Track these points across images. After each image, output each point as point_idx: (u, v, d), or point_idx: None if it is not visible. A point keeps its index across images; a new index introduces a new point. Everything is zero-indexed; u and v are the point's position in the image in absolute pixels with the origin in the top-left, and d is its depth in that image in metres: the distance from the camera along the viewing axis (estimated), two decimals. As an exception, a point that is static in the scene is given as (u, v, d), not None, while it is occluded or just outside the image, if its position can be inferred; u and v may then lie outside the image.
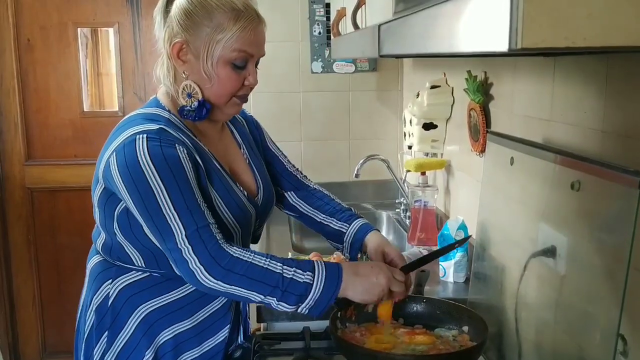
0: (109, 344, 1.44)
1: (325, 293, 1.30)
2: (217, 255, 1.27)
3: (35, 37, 3.23)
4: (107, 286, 1.45)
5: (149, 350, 1.43)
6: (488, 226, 1.57)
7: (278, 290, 1.27)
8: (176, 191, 1.27)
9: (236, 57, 1.37)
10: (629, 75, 1.16)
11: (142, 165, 1.27)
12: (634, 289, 1.06)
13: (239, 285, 1.27)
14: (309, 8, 3.05)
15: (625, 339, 1.13)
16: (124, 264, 1.43)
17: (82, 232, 3.40)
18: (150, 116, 1.38)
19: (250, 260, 1.28)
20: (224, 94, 1.40)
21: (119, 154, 1.31)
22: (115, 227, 1.39)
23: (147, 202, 1.28)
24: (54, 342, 3.47)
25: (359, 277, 1.33)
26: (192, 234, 1.27)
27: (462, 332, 1.48)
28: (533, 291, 1.33)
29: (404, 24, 1.07)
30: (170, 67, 1.40)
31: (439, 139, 2.40)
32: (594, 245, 1.10)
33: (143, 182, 1.27)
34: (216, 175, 1.41)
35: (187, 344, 1.45)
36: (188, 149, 1.33)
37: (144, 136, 1.29)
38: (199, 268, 1.26)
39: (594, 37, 0.65)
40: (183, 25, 1.36)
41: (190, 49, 1.37)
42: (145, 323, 1.43)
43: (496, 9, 0.66)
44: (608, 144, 1.21)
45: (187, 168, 1.30)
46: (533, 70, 1.57)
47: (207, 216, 1.30)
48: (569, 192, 1.15)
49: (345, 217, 1.65)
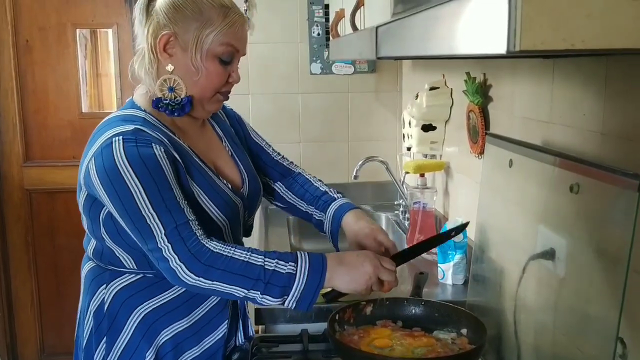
0: (108, 349, 1.44)
1: (310, 284, 1.28)
2: (197, 252, 1.26)
3: (34, 38, 3.22)
4: (102, 291, 1.45)
5: (150, 351, 1.42)
6: (487, 228, 1.57)
7: (261, 283, 1.26)
8: (154, 191, 1.27)
9: (224, 51, 1.38)
10: (628, 77, 1.15)
11: (120, 167, 1.27)
12: (633, 292, 1.05)
13: (220, 280, 1.26)
14: (307, 9, 3.04)
15: (625, 342, 1.12)
16: (117, 268, 1.43)
17: (81, 233, 3.37)
18: (126, 117, 1.37)
19: (230, 254, 1.28)
20: (209, 88, 1.41)
21: (97, 159, 1.31)
22: (103, 232, 1.40)
23: (126, 205, 1.27)
24: (52, 344, 3.46)
25: (344, 266, 1.33)
26: (171, 232, 1.26)
27: (460, 334, 1.48)
28: (532, 294, 1.32)
29: (401, 26, 1.06)
30: (152, 61, 1.39)
31: (438, 141, 2.39)
32: (593, 247, 1.09)
33: (121, 185, 1.27)
34: (197, 171, 1.40)
35: (187, 343, 1.44)
36: (165, 147, 1.32)
37: (120, 138, 1.29)
38: (179, 266, 1.26)
39: (592, 39, 0.65)
40: (171, 19, 1.36)
41: (178, 42, 1.37)
42: (144, 325, 1.42)
43: (494, 10, 0.65)
44: (607, 146, 1.21)
45: (165, 166, 1.30)
46: (532, 72, 1.57)
47: (187, 213, 1.29)
48: (568, 194, 1.15)
49: (321, 204, 1.64)
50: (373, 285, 1.34)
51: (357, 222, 1.55)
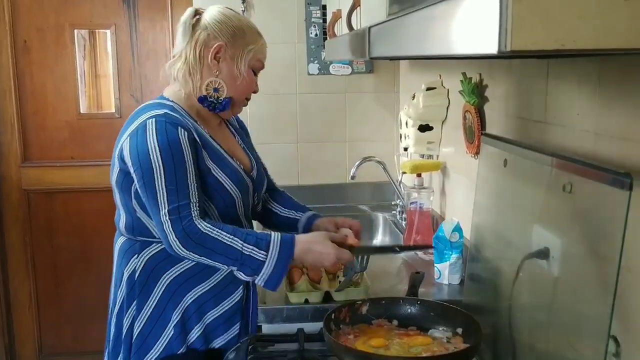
0: (138, 310, 1.64)
1: (277, 269, 1.53)
2: (190, 231, 1.51)
3: (32, 38, 3.23)
4: (134, 261, 1.65)
5: (176, 312, 1.63)
6: (482, 228, 1.58)
7: (237, 262, 1.52)
8: (171, 171, 1.51)
9: (257, 65, 1.72)
10: (621, 77, 1.16)
11: (149, 146, 1.52)
12: (625, 290, 1.06)
13: (206, 256, 1.52)
14: (305, 10, 3.05)
15: (618, 340, 1.13)
16: (146, 238, 1.64)
17: (79, 233, 3.40)
18: (158, 104, 1.63)
19: (216, 236, 1.52)
20: (244, 92, 1.73)
21: (132, 138, 1.55)
22: (134, 204, 1.61)
23: (146, 179, 1.52)
24: (50, 344, 3.46)
25: (311, 253, 1.58)
26: (172, 209, 1.51)
27: (456, 333, 1.48)
28: (527, 293, 1.33)
29: (394, 27, 1.07)
30: (197, 66, 1.66)
31: (435, 141, 2.40)
32: (586, 246, 1.10)
33: (147, 162, 1.52)
34: (213, 152, 1.65)
35: (208, 305, 1.65)
36: (189, 131, 1.56)
37: (153, 120, 1.54)
38: (175, 241, 1.51)
39: (584, 39, 0.65)
40: (222, 33, 1.66)
41: (228, 53, 1.66)
42: (170, 289, 1.63)
43: (486, 11, 0.66)
44: (601, 145, 1.22)
45: (186, 149, 1.54)
46: (527, 72, 1.57)
47: (192, 195, 1.53)
48: (561, 193, 1.15)
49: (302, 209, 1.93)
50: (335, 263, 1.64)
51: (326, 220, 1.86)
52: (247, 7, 2.98)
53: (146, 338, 1.63)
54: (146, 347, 1.63)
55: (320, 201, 3.04)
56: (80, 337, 3.43)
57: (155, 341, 1.63)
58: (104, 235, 3.36)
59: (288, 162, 3.13)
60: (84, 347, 3.41)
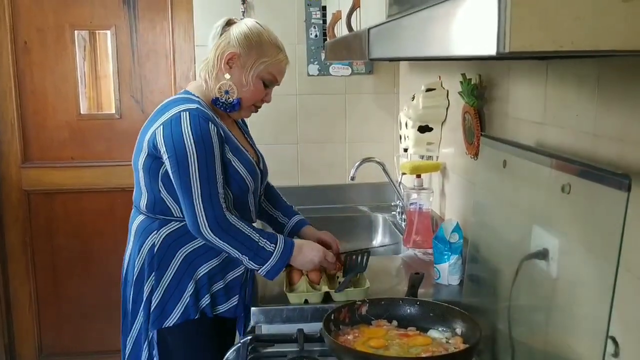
0: (157, 281, 1.82)
1: (279, 263, 1.75)
2: (220, 219, 1.71)
3: (32, 39, 3.23)
4: (153, 236, 1.82)
5: (190, 283, 1.81)
6: (482, 228, 1.58)
7: (252, 252, 1.73)
8: (204, 160, 1.69)
9: (269, 78, 1.87)
10: (620, 78, 1.16)
11: (185, 137, 1.68)
12: (624, 291, 1.06)
13: (228, 243, 1.72)
14: (305, 11, 3.05)
15: (617, 341, 1.13)
16: (165, 217, 1.82)
17: (79, 234, 3.40)
18: (188, 99, 1.80)
19: (241, 228, 1.73)
20: (250, 100, 1.87)
21: (166, 127, 1.71)
22: (160, 185, 1.78)
23: (182, 168, 1.69)
24: (50, 344, 3.46)
25: (302, 254, 1.80)
26: (205, 197, 1.70)
27: (455, 334, 1.49)
28: (526, 293, 1.33)
29: (393, 28, 1.07)
30: (215, 67, 1.83)
31: (435, 142, 2.41)
32: (584, 247, 1.11)
33: (182, 150, 1.68)
34: (233, 145, 1.82)
35: (216, 276, 1.85)
36: (217, 125, 1.74)
37: (187, 113, 1.71)
38: (204, 223, 1.70)
39: (582, 41, 0.66)
40: (240, 42, 1.81)
41: (240, 61, 1.82)
42: (186, 262, 1.82)
43: (484, 12, 0.66)
44: (599, 146, 1.22)
45: (215, 143, 1.72)
46: (526, 73, 1.58)
47: (219, 186, 1.73)
48: (560, 194, 1.16)
49: (288, 212, 2.13)
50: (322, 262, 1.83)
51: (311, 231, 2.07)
52: (247, 8, 2.98)
53: (165, 306, 1.81)
54: (165, 314, 1.81)
55: (320, 202, 3.04)
56: (80, 337, 3.43)
57: (173, 308, 1.81)
58: (103, 235, 3.37)
59: (288, 163, 3.13)
60: (84, 347, 3.41)
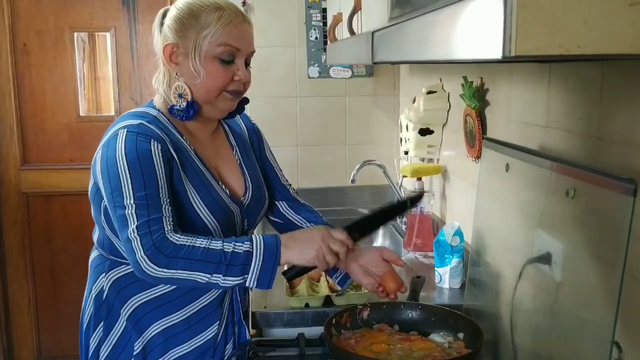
0: (105, 334, 1.51)
1: (267, 259, 1.34)
2: (161, 245, 1.31)
3: (32, 41, 3.22)
4: (102, 279, 1.51)
5: (138, 343, 1.48)
6: (484, 232, 1.57)
7: (222, 266, 1.32)
8: (139, 184, 1.34)
9: (222, 51, 1.43)
10: (625, 82, 1.16)
11: (118, 158, 1.36)
12: (628, 296, 1.05)
13: (183, 268, 1.31)
14: (305, 13, 3.05)
15: (620, 346, 1.13)
16: (116, 258, 1.49)
17: (78, 236, 3.40)
18: (138, 113, 1.47)
19: (191, 244, 1.33)
20: (213, 89, 1.46)
21: (104, 149, 1.40)
22: (102, 221, 1.47)
23: (114, 193, 1.35)
24: (48, 347, 3.46)
25: (295, 240, 1.40)
26: (142, 224, 1.32)
27: (457, 338, 1.48)
28: (528, 298, 1.33)
29: (397, 31, 1.07)
30: (165, 72, 1.48)
31: (435, 145, 2.40)
32: (589, 252, 1.10)
33: (115, 175, 1.35)
34: (194, 172, 1.46)
35: (177, 338, 1.49)
36: (163, 144, 1.40)
37: (125, 130, 1.38)
38: (143, 259, 1.31)
39: (588, 45, 0.65)
40: (173, 30, 1.45)
41: (181, 50, 1.45)
42: (135, 316, 1.48)
43: (490, 16, 0.66)
44: (604, 150, 1.21)
45: (157, 162, 1.37)
46: (529, 76, 1.57)
47: (164, 209, 1.35)
48: (563, 199, 1.15)
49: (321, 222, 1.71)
50: (325, 255, 1.38)
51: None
52: (247, 10, 2.97)
53: None
54: None
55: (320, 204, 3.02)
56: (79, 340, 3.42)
57: None
58: (103, 238, 3.37)
59: (288, 166, 3.11)
60: (83, 351, 3.40)
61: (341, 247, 1.39)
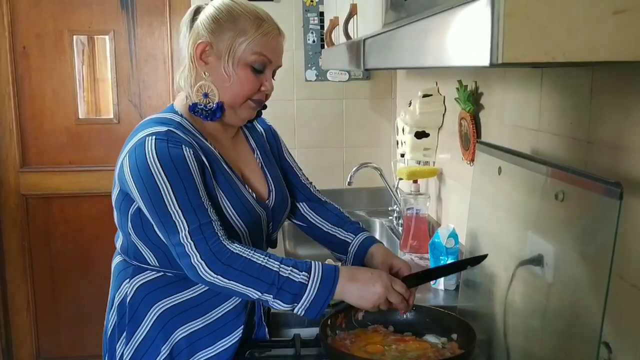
0: (128, 339, 1.50)
1: (320, 294, 1.33)
2: (218, 251, 1.32)
3: (31, 44, 3.23)
4: (126, 285, 1.51)
5: (165, 347, 1.48)
6: (477, 234, 1.59)
7: (274, 288, 1.31)
8: (181, 189, 1.33)
9: (255, 60, 1.45)
10: (614, 87, 1.18)
11: (150, 164, 1.34)
12: (617, 297, 1.07)
13: (237, 281, 1.31)
14: (303, 17, 3.07)
15: (610, 346, 1.14)
16: (140, 264, 1.49)
17: (77, 238, 3.41)
18: (162, 120, 1.45)
19: (249, 257, 1.32)
20: (240, 95, 1.46)
21: (131, 156, 1.38)
22: (129, 227, 1.46)
23: (154, 200, 1.34)
24: (47, 348, 3.46)
25: (356, 283, 1.36)
26: (194, 230, 1.32)
27: (451, 339, 1.50)
28: (521, 299, 1.34)
29: (388, 39, 1.08)
30: (192, 70, 1.47)
31: (431, 148, 2.42)
32: (578, 254, 1.12)
33: (150, 181, 1.34)
34: (222, 176, 1.45)
35: (202, 342, 1.49)
36: (194, 150, 1.39)
37: (152, 137, 1.36)
38: (200, 263, 1.31)
39: (573, 52, 0.67)
40: (208, 29, 1.44)
41: (213, 50, 1.44)
42: (161, 321, 1.48)
43: (478, 24, 0.67)
44: (593, 154, 1.23)
45: (193, 167, 1.36)
46: (522, 80, 1.59)
47: (211, 214, 1.35)
48: (554, 202, 1.17)
49: (352, 228, 1.69)
50: (381, 305, 1.38)
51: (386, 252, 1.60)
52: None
53: None
54: None
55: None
56: (78, 341, 3.43)
57: None
58: (102, 240, 3.37)
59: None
60: (81, 352, 3.41)
61: (397, 298, 1.37)
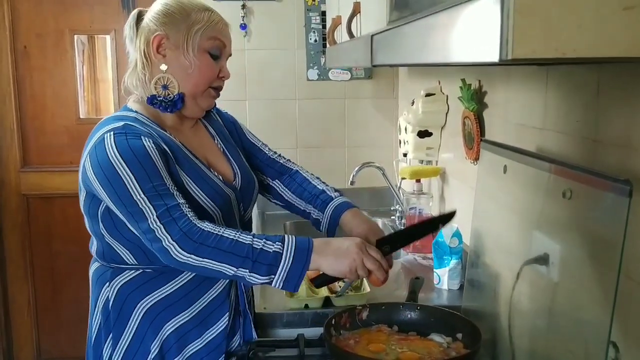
0: (115, 342, 1.50)
1: (297, 263, 1.32)
2: (189, 231, 1.31)
3: (32, 44, 3.23)
4: (106, 289, 1.50)
5: (154, 344, 1.48)
6: (482, 234, 1.58)
7: (248, 261, 1.31)
8: (144, 177, 1.34)
9: (212, 45, 1.49)
10: (620, 84, 1.17)
11: (112, 159, 1.35)
12: (625, 296, 1.07)
13: (210, 258, 1.31)
14: (304, 16, 3.06)
15: (617, 346, 1.14)
16: (118, 265, 1.49)
17: (78, 238, 3.40)
18: (118, 117, 1.46)
19: (220, 233, 1.33)
20: (201, 82, 1.50)
21: (92, 155, 1.39)
22: (102, 228, 1.47)
23: (119, 192, 1.34)
24: (48, 349, 3.46)
25: (330, 248, 1.36)
26: (162, 213, 1.32)
27: (456, 339, 1.49)
28: (526, 298, 1.34)
29: (396, 34, 1.08)
30: (146, 66, 1.49)
31: (434, 147, 2.41)
32: (585, 253, 1.11)
33: (114, 175, 1.35)
34: (187, 162, 1.47)
35: (190, 335, 1.49)
36: (154, 139, 1.40)
37: (111, 133, 1.38)
38: (172, 245, 1.31)
39: (583, 48, 0.66)
40: (161, 22, 1.47)
41: (170, 42, 1.47)
42: (148, 318, 1.48)
43: (487, 20, 0.67)
44: (600, 152, 1.22)
45: (154, 156, 1.37)
46: (526, 79, 1.58)
47: (177, 197, 1.35)
48: (560, 200, 1.16)
49: (319, 203, 1.68)
50: (358, 269, 1.36)
51: (353, 220, 1.59)
52: (246, 13, 2.99)
53: None
54: None
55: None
56: (78, 342, 3.40)
57: None
58: (103, 240, 3.37)
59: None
60: (82, 352, 3.38)
61: (374, 264, 1.36)
